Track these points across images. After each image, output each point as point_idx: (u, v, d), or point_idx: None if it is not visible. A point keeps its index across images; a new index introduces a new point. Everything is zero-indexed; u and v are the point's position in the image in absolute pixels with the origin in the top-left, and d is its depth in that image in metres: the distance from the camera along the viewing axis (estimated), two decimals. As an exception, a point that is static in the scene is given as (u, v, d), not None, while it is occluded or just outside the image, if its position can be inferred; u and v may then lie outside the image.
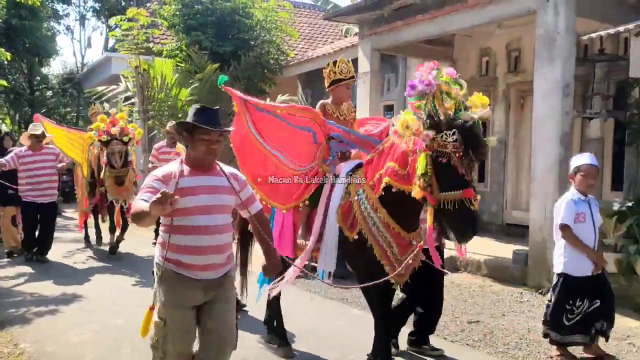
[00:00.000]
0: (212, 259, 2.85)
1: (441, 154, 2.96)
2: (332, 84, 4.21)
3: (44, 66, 24.71)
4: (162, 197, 2.34)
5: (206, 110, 2.84)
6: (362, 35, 9.40)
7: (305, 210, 3.98)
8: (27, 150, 7.50)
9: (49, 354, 4.23)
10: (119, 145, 7.41)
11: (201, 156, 2.85)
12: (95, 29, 45.37)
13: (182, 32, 12.57)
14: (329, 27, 17.74)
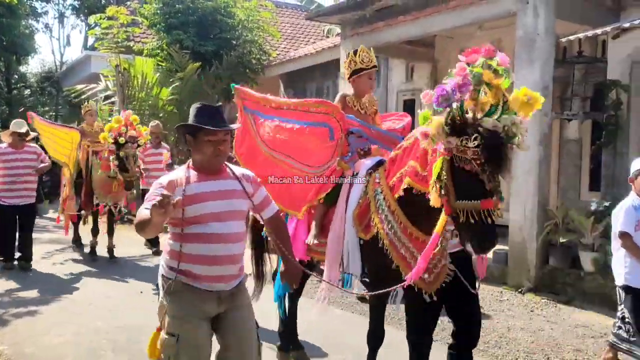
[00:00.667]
0: (226, 269, 2.64)
1: (460, 159, 2.65)
2: (352, 74, 3.92)
3: (21, 64, 24.29)
4: (162, 199, 2.18)
5: (208, 109, 2.66)
6: (344, 36, 9.42)
7: (320, 209, 3.72)
8: (7, 147, 7.06)
9: (28, 356, 4.17)
10: (133, 149, 7.08)
11: (208, 159, 2.63)
12: (75, 27, 44.77)
13: (163, 31, 12.48)
14: (311, 27, 17.75)
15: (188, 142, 2.69)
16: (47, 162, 7.32)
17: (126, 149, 6.94)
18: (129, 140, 6.96)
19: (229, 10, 12.88)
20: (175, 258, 2.60)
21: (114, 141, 6.89)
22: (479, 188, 2.62)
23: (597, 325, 5.13)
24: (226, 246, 2.61)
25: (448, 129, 2.63)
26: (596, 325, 5.15)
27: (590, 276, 6.01)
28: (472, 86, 2.61)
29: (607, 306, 5.60)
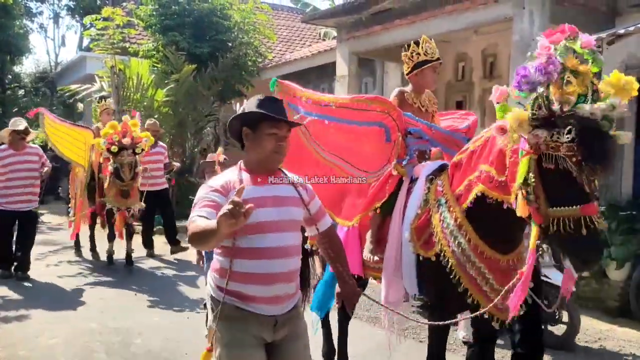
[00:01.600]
0: (282, 288, 2.32)
1: (551, 158, 2.21)
2: (415, 67, 3.50)
3: (16, 64, 24.17)
4: (234, 207, 1.81)
5: (271, 100, 2.40)
6: (340, 39, 9.43)
7: (376, 220, 3.31)
8: (7, 149, 6.55)
9: (22, 358, 4.15)
10: (129, 157, 6.54)
11: (267, 157, 2.34)
12: (70, 28, 44.63)
13: (158, 33, 12.45)
14: (307, 30, 17.77)
15: (245, 135, 2.38)
16: (48, 165, 6.88)
17: (121, 157, 6.50)
18: (124, 148, 6.50)
19: (225, 12, 12.88)
20: (224, 276, 2.27)
21: (107, 149, 6.50)
22: (577, 191, 2.20)
23: (591, 329, 5.16)
24: (283, 261, 2.31)
25: (534, 120, 2.21)
26: (591, 329, 5.17)
27: (585, 280, 6.03)
28: (559, 67, 2.21)
29: (601, 310, 5.63)
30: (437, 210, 2.90)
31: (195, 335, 4.72)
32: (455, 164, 2.93)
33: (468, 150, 2.84)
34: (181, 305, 5.60)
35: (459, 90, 9.46)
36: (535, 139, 2.21)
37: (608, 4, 7.07)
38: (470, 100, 9.28)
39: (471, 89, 9.33)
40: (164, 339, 4.63)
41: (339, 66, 9.27)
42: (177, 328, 4.93)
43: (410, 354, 4.43)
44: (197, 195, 2.30)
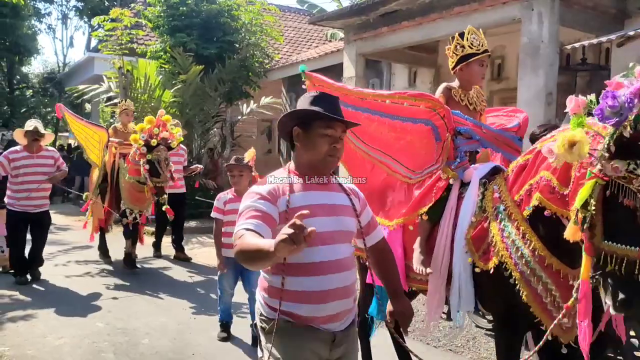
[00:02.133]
0: (339, 305, 2.11)
1: (620, 188, 1.96)
2: (460, 61, 3.24)
3: (24, 65, 24.40)
4: (295, 232, 1.57)
5: (327, 97, 2.16)
6: (348, 40, 9.44)
7: (425, 227, 3.03)
8: (22, 150, 6.31)
9: (29, 357, 4.16)
10: (165, 152, 6.35)
11: (321, 160, 2.11)
12: (78, 29, 44.81)
13: (166, 34, 12.49)
14: (314, 32, 17.79)
15: (296, 135, 2.15)
16: (64, 168, 6.62)
17: (158, 152, 6.27)
18: (161, 143, 6.31)
19: (233, 14, 12.91)
20: (276, 297, 2.07)
21: (145, 143, 6.22)
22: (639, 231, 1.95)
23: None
24: (340, 276, 2.11)
25: (612, 145, 1.94)
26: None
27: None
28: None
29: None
30: (496, 219, 2.65)
31: (202, 336, 4.74)
32: (521, 166, 2.65)
33: (535, 151, 2.54)
34: (188, 306, 5.61)
35: (466, 92, 9.47)
36: (612, 172, 1.95)
37: (617, 6, 7.05)
38: (477, 102, 9.28)
39: (479, 91, 9.31)
40: (171, 340, 4.64)
41: (346, 67, 9.28)
42: (184, 329, 4.94)
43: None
44: (242, 203, 2.09)
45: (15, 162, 6.22)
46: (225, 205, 4.55)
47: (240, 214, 2.03)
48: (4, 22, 18.38)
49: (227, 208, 4.53)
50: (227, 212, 4.52)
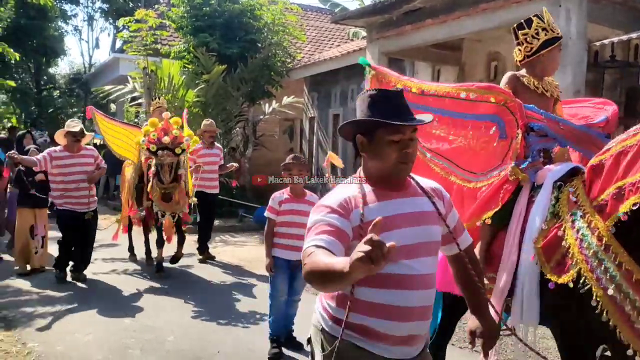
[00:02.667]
0: (418, 327, 1.86)
1: None
2: (543, 46, 2.94)
3: (51, 66, 24.85)
4: (373, 249, 1.35)
5: (388, 96, 1.88)
6: (370, 39, 9.40)
7: (487, 233, 2.78)
8: (62, 150, 6.29)
9: (58, 354, 4.23)
10: (169, 157, 6.06)
11: (391, 169, 1.86)
12: (103, 30, 45.71)
13: (189, 34, 12.60)
14: (335, 31, 17.76)
15: (360, 144, 1.90)
16: (103, 166, 6.59)
17: (161, 158, 6.05)
18: (164, 147, 6.05)
19: (255, 13, 12.96)
20: (342, 306, 1.83)
21: (147, 148, 6.09)
22: None
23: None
24: (422, 294, 1.85)
25: None
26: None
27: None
28: None
29: None
30: (572, 226, 2.37)
31: (226, 335, 4.76)
32: (595, 167, 2.37)
33: (616, 151, 2.28)
34: (213, 305, 5.65)
35: (490, 90, 9.37)
36: None
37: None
38: (502, 100, 9.18)
39: (503, 89, 9.19)
40: (195, 338, 4.68)
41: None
42: (208, 327, 4.97)
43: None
44: (310, 217, 1.85)
45: (58, 161, 6.21)
46: (281, 206, 4.34)
47: (309, 229, 1.80)
48: (32, 24, 18.75)
49: (282, 208, 4.34)
50: (281, 212, 4.34)
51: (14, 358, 4.07)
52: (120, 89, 12.47)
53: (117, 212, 11.77)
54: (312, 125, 14.02)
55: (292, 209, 4.31)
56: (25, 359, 4.07)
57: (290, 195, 4.37)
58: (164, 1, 16.57)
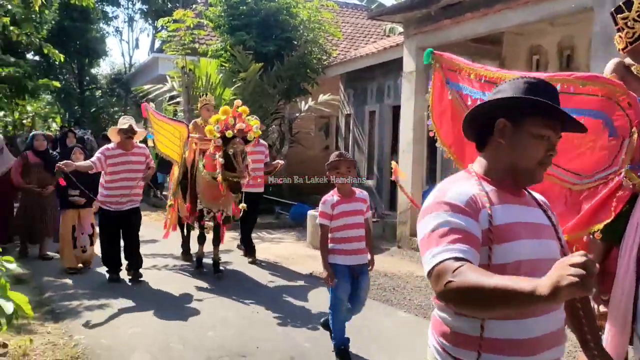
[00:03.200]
0: (553, 354, 1.59)
1: None
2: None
3: (93, 67, 25.50)
4: (588, 276, 1.13)
5: (547, 88, 1.63)
6: (408, 35, 9.29)
7: (598, 248, 2.47)
8: (115, 148, 6.21)
9: (104, 346, 4.34)
10: (241, 145, 5.93)
11: (532, 168, 1.62)
12: (143, 31, 46.74)
13: (226, 33, 12.73)
14: (371, 27, 17.65)
15: (499, 130, 1.63)
16: (152, 166, 6.54)
17: (234, 145, 5.86)
18: (237, 135, 5.88)
19: (291, 11, 13.00)
20: (471, 347, 1.54)
21: (220, 135, 5.86)
22: None
23: None
24: (551, 317, 1.57)
25: None
26: None
27: None
28: None
29: None
30: None
31: (266, 331, 4.79)
32: None
33: None
34: (251, 301, 5.69)
35: (532, 85, 9.16)
36: None
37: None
38: (544, 95, 8.96)
39: (545, 83, 8.96)
40: (236, 334, 4.73)
41: (406, 62, 9.14)
42: (248, 323, 5.02)
43: None
44: (426, 217, 1.57)
45: (111, 159, 6.13)
46: (334, 209, 4.04)
47: (430, 232, 1.51)
48: (75, 26, 19.28)
49: (335, 212, 4.04)
50: (335, 216, 4.04)
51: (62, 350, 4.19)
52: (159, 88, 12.69)
53: (156, 208, 12.03)
54: (347, 122, 13.96)
55: (345, 210, 4.05)
56: (72, 350, 4.19)
57: (339, 196, 4.07)
58: (202, 1, 16.77)
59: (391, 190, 12.15)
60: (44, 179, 7.38)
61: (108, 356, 4.15)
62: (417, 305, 5.67)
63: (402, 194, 8.91)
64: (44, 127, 24.55)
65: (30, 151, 7.56)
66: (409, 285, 6.46)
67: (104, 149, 6.24)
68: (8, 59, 11.45)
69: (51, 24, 17.17)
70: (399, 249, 8.77)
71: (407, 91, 9.18)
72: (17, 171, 7.41)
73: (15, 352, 3.90)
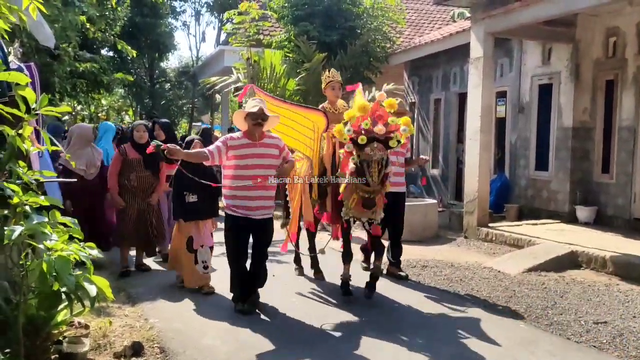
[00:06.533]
0: None
1: None
2: None
3: (162, 61, 26.40)
4: None
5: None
6: (475, 19, 9.02)
7: None
8: (241, 137, 4.84)
9: (176, 330, 4.51)
10: (379, 152, 4.66)
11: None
12: (209, 24, 47.91)
13: (290, 23, 12.83)
14: (436, 13, 17.28)
15: None
16: (291, 159, 5.07)
17: (370, 151, 4.64)
18: (375, 139, 4.67)
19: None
20: None
21: (352, 139, 4.71)
22: None
23: None
24: None
25: None
26: None
27: None
28: None
29: None
30: None
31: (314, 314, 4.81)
32: None
33: None
34: (327, 291, 5.70)
35: (610, 68, 8.67)
36: None
37: None
38: (622, 79, 8.45)
39: (624, 67, 8.47)
40: (301, 315, 4.79)
41: (474, 48, 8.88)
42: (312, 305, 5.05)
43: (555, 351, 4.17)
44: None
45: (234, 150, 4.77)
46: None
47: None
48: (145, 22, 20.01)
49: None
50: None
51: (138, 332, 4.39)
52: (225, 79, 12.97)
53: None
54: (412, 111, 13.78)
55: None
56: (147, 333, 4.38)
57: None
58: (266, -8, 16.97)
59: (457, 179, 11.91)
60: (145, 179, 6.23)
61: (180, 339, 4.31)
62: (485, 297, 5.55)
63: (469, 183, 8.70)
64: (118, 119, 25.72)
65: (129, 144, 6.31)
66: (476, 277, 6.32)
67: (227, 138, 4.90)
68: (85, 55, 12.02)
69: (123, 21, 17.88)
70: (466, 239, 8.59)
71: (474, 78, 8.93)
72: (115, 171, 6.18)
73: (96, 333, 4.12)
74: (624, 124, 8.47)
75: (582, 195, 9.02)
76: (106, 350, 3.92)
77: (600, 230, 8.20)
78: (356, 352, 4.13)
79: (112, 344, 4.02)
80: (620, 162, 8.58)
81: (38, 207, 3.05)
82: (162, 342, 4.22)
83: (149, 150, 4.63)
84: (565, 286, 5.95)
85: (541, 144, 9.79)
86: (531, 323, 4.82)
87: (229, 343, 4.27)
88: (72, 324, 3.72)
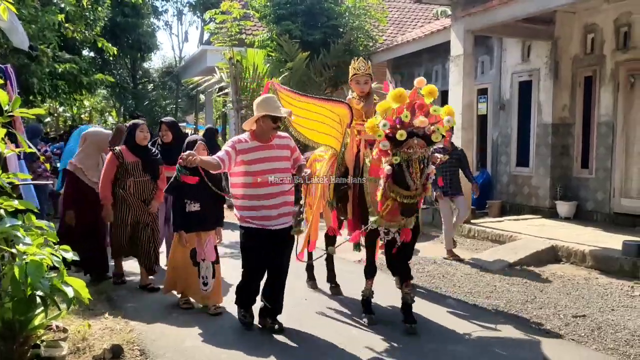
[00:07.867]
0: None
1: None
2: None
3: (145, 61, 26.16)
4: None
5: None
6: (455, 17, 9.09)
7: None
8: (250, 139, 4.31)
9: (157, 332, 4.48)
10: (422, 149, 4.02)
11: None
12: (192, 24, 47.78)
13: (272, 22, 12.81)
14: (418, 11, 17.36)
15: None
16: (302, 160, 4.56)
17: (410, 149, 3.99)
18: (415, 133, 4.01)
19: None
20: None
21: (388, 136, 4.03)
22: None
23: None
24: None
25: None
26: None
27: None
28: None
29: None
30: None
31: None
32: None
33: None
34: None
35: (589, 65, 8.78)
36: None
37: None
38: (601, 76, 8.57)
39: (602, 63, 8.58)
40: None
41: (454, 46, 8.94)
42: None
43: (533, 345, 4.21)
44: None
45: (244, 154, 4.24)
46: None
47: None
48: (127, 22, 19.81)
49: None
50: None
51: (119, 334, 4.35)
52: (208, 79, 12.91)
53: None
54: (395, 109, 13.84)
55: None
56: (128, 335, 4.34)
57: None
58: (248, -9, 16.92)
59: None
60: (143, 184, 5.52)
61: (161, 342, 4.28)
62: (466, 293, 5.60)
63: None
64: (101, 120, 25.48)
65: (124, 146, 5.51)
66: (459, 273, 6.37)
67: (235, 142, 4.31)
68: (64, 56, 11.87)
69: (104, 21, 17.71)
70: (449, 236, 8.63)
71: (455, 75, 9.00)
72: (109, 178, 5.42)
73: (75, 337, 4.08)
74: (603, 119, 8.59)
75: (562, 191, 9.12)
76: (85, 354, 3.89)
77: (581, 225, 8.30)
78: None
79: (91, 347, 3.98)
80: (599, 157, 8.70)
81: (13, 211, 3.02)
82: (142, 344, 4.20)
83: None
84: (545, 280, 6.03)
85: (522, 141, 9.89)
86: (511, 317, 4.87)
87: (211, 345, 4.25)
88: (50, 327, 3.69)
